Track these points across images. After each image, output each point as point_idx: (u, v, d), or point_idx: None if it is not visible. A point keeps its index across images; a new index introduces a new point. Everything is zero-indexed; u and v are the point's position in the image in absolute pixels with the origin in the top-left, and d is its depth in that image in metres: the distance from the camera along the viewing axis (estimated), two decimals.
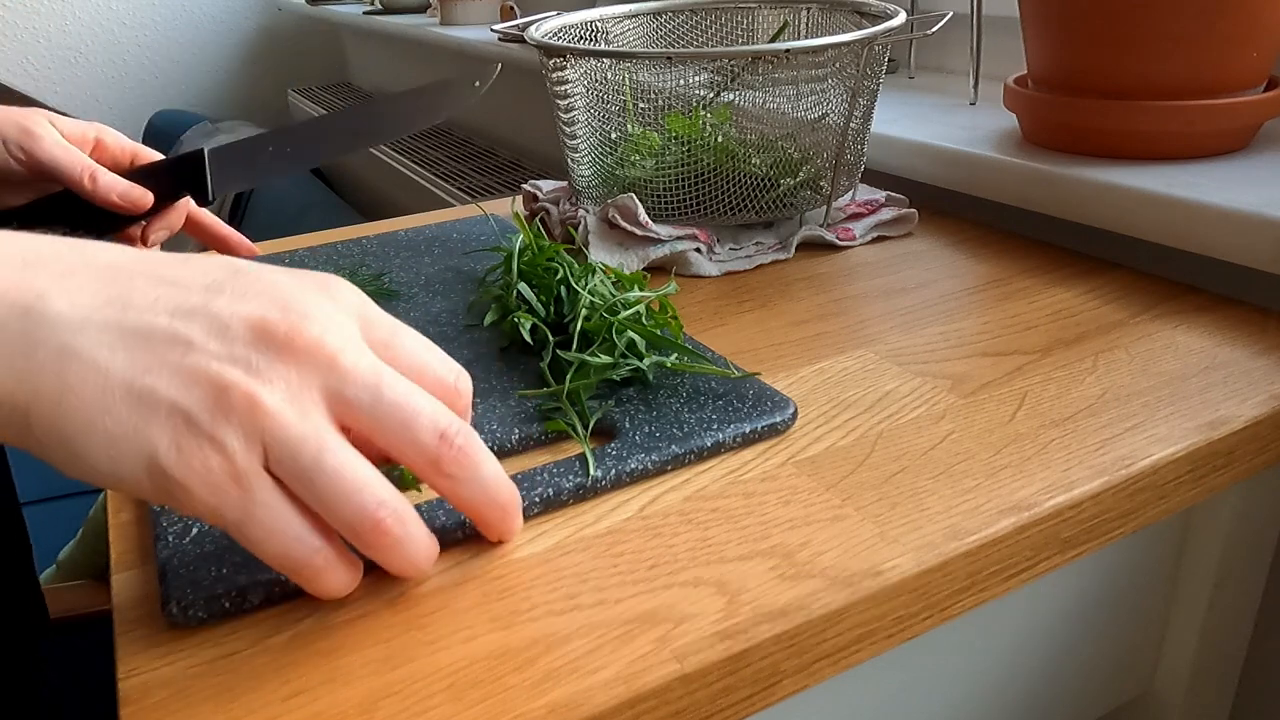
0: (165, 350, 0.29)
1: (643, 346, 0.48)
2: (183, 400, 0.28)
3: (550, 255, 0.57)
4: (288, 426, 0.29)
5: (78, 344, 0.28)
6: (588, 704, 0.31)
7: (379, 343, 0.32)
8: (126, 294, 0.29)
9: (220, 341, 0.29)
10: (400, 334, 0.33)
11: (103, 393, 0.28)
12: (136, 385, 0.28)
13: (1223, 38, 0.60)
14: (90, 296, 0.29)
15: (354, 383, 0.30)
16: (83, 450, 0.28)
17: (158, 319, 0.29)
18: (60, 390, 0.28)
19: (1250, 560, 0.56)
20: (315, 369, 0.30)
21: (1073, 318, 0.57)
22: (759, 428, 0.45)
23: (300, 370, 0.30)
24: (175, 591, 0.35)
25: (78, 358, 0.28)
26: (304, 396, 0.30)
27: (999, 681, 0.51)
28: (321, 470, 0.30)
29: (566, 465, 0.42)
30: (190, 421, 0.28)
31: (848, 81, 0.65)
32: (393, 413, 0.31)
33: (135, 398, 0.28)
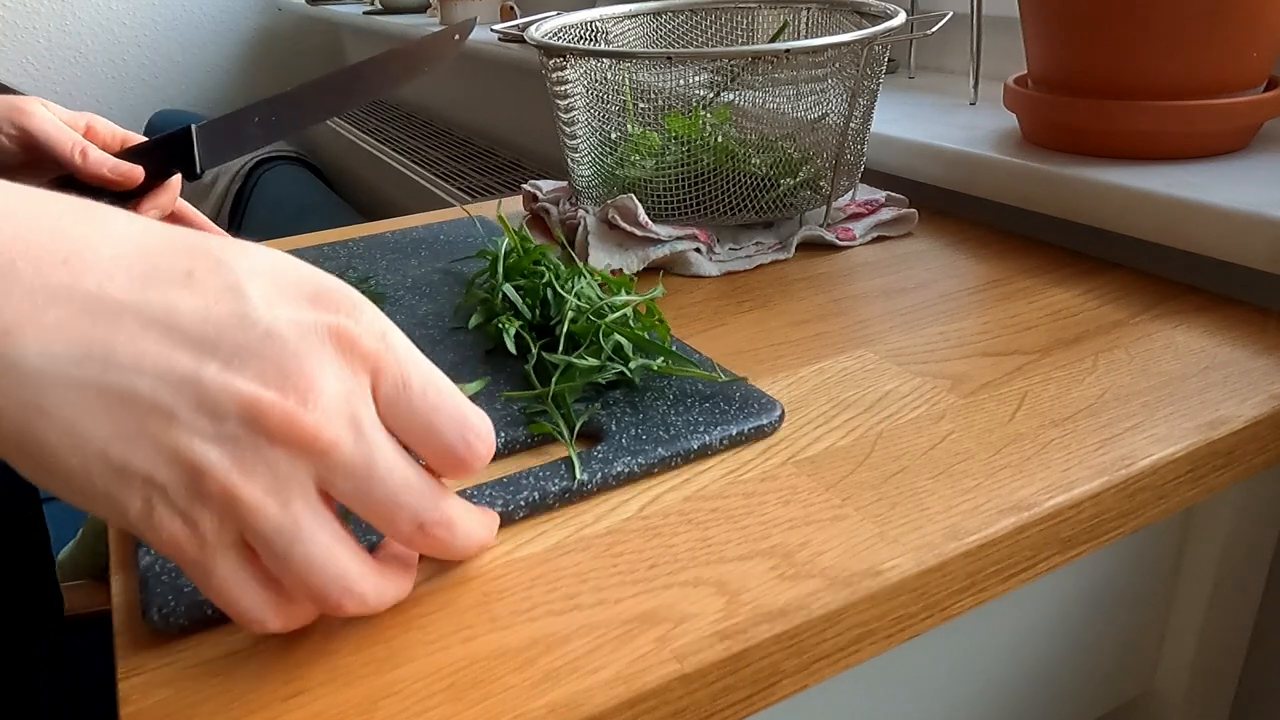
0: (146, 420, 0.27)
1: (629, 349, 0.48)
2: (159, 476, 0.27)
3: (536, 258, 0.57)
4: (265, 519, 0.28)
5: (52, 404, 0.26)
6: (588, 704, 0.31)
7: (387, 398, 0.31)
8: (109, 344, 0.26)
9: (208, 420, 0.27)
10: (412, 386, 0.31)
11: (79, 458, 0.26)
12: (113, 455, 0.27)
13: (1223, 38, 0.60)
14: (66, 345, 0.26)
15: (344, 476, 0.29)
16: (54, 488, 0.27)
17: (141, 382, 0.27)
18: (31, 442, 0.26)
19: (1250, 560, 0.56)
20: (306, 459, 0.29)
21: (1073, 318, 0.57)
22: (745, 430, 0.45)
23: (290, 459, 0.28)
24: (156, 598, 0.35)
25: (52, 419, 0.26)
26: (289, 485, 0.29)
27: (999, 681, 0.51)
28: (290, 559, 0.29)
29: (552, 469, 0.42)
30: (164, 495, 0.27)
31: (848, 81, 0.65)
32: (376, 506, 0.31)
33: (111, 467, 0.27)
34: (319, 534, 0.29)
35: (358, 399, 0.30)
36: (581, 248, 0.67)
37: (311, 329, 0.29)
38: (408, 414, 0.31)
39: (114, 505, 0.27)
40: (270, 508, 0.28)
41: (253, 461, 0.28)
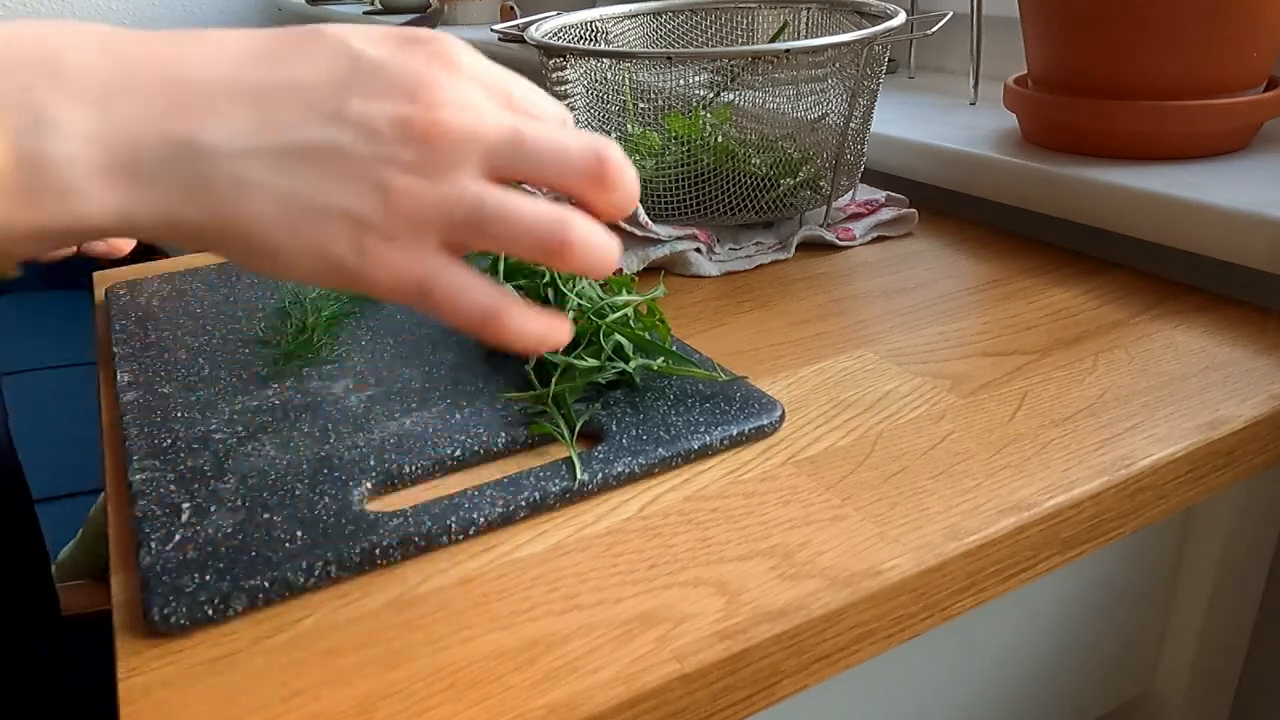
0: (326, 163, 0.30)
1: (630, 349, 0.48)
2: (353, 206, 0.31)
3: None
4: (448, 203, 0.31)
5: (248, 173, 0.30)
6: (588, 704, 0.31)
7: (501, 101, 0.34)
8: (271, 113, 0.30)
9: (371, 144, 0.31)
10: (516, 89, 0.34)
11: (282, 215, 0.30)
12: (310, 201, 0.30)
13: (1223, 38, 0.60)
14: (242, 124, 0.30)
15: (497, 142, 0.32)
16: (272, 264, 0.31)
17: (308, 133, 0.30)
18: (242, 220, 0.30)
19: (1250, 560, 0.56)
20: (460, 146, 0.31)
21: (1073, 318, 0.57)
22: (746, 430, 0.45)
23: (448, 154, 0.31)
24: (157, 599, 0.35)
25: (252, 186, 0.30)
26: (456, 172, 0.31)
27: (999, 681, 0.51)
28: (487, 216, 0.32)
29: (553, 469, 0.42)
30: (363, 224, 0.31)
31: (848, 81, 0.65)
32: (542, 151, 0.33)
33: (311, 212, 0.30)
34: (497, 190, 0.32)
35: (478, 94, 0.32)
36: None
37: (414, 56, 0.32)
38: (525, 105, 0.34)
39: (325, 254, 0.31)
40: (447, 190, 0.31)
41: (419, 164, 0.31)
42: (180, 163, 0.29)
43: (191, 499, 0.41)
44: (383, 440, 0.44)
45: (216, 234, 0.30)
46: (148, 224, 0.30)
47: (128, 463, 0.44)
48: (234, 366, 0.53)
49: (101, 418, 0.51)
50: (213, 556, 0.37)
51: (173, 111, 0.29)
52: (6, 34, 0.28)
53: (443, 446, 0.44)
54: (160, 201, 0.29)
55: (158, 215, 0.29)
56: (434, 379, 0.50)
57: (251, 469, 0.43)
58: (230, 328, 0.58)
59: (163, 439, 0.46)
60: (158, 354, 0.55)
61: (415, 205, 0.31)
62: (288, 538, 0.38)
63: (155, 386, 0.51)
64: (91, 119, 0.28)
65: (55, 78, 0.28)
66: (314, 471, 0.42)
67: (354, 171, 0.31)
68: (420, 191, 0.31)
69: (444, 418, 0.46)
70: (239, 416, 0.47)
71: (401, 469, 0.42)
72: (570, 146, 0.33)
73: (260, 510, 0.40)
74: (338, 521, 0.39)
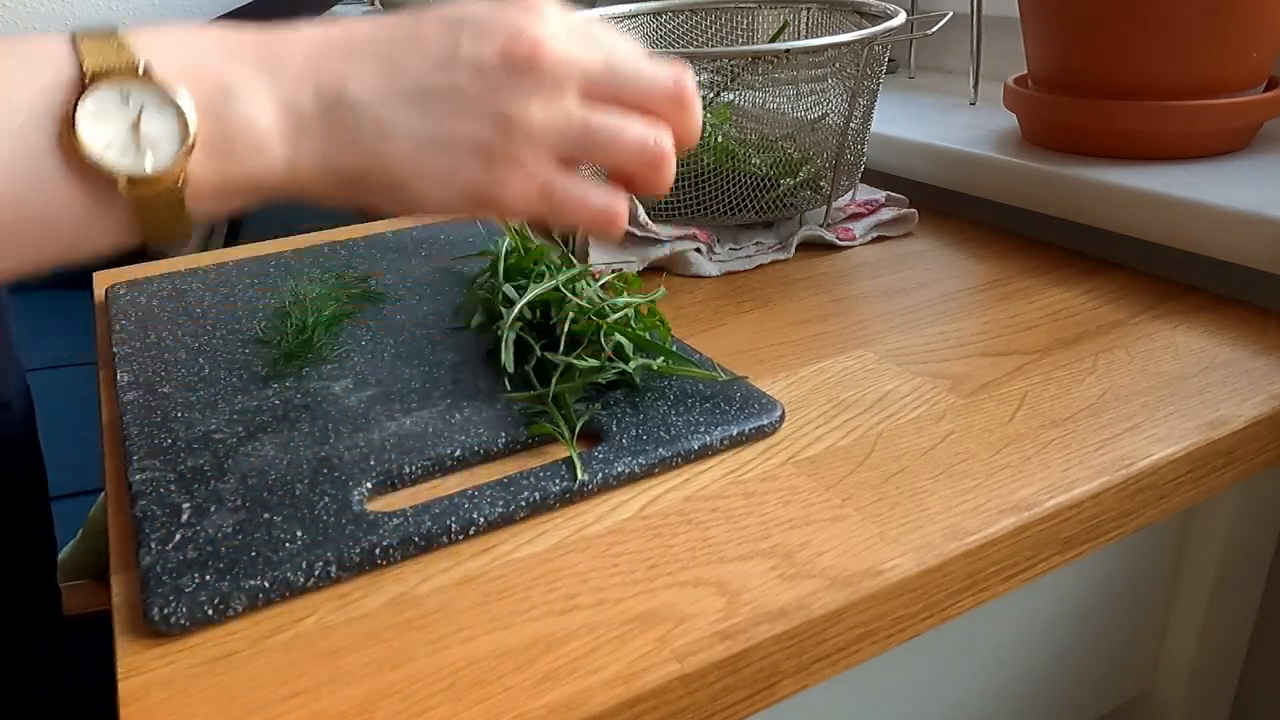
0: (449, 102, 0.34)
1: (630, 350, 0.48)
2: (478, 135, 0.34)
3: (537, 258, 0.57)
4: (559, 123, 0.36)
5: (386, 118, 0.34)
6: (588, 704, 0.31)
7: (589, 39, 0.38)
8: (397, 67, 0.35)
9: (484, 80, 0.35)
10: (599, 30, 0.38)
11: (418, 151, 0.34)
12: (439, 135, 0.34)
13: (1223, 38, 0.60)
14: (375, 77, 0.34)
15: (592, 68, 0.36)
16: (414, 196, 0.35)
17: (431, 78, 0.34)
18: (386, 158, 0.34)
19: (1250, 560, 0.56)
20: (560, 70, 0.35)
21: (1073, 318, 0.57)
22: (746, 430, 0.45)
23: (551, 79, 0.35)
24: (157, 598, 0.35)
25: (390, 129, 0.34)
26: (560, 95, 0.36)
27: (999, 681, 0.51)
28: (594, 130, 0.36)
29: (553, 469, 0.42)
30: (488, 150, 0.35)
31: (848, 81, 0.65)
32: (631, 75, 0.37)
33: (442, 146, 0.34)
34: (599, 111, 0.37)
35: (569, 35, 0.36)
36: (581, 248, 0.67)
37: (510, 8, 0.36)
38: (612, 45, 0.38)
39: (460, 183, 0.35)
40: (556, 112, 0.35)
41: (528, 91, 0.35)
42: (332, 113, 0.33)
43: (191, 499, 0.41)
44: (383, 440, 0.44)
45: (366, 177, 0.34)
46: (309, 173, 0.34)
47: (128, 463, 0.44)
48: (234, 366, 0.53)
49: (101, 418, 0.51)
50: (213, 556, 0.37)
51: (320, 75, 0.34)
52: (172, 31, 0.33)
53: (443, 446, 0.44)
54: (319, 151, 0.34)
55: (318, 164, 0.34)
56: (434, 379, 0.50)
57: (251, 469, 0.43)
58: (230, 328, 0.58)
59: (163, 439, 0.46)
60: (158, 354, 0.55)
61: (530, 127, 0.35)
62: (288, 538, 0.38)
63: (155, 386, 0.51)
64: (262, 88, 0.32)
65: (227, 58, 0.32)
66: (314, 471, 0.42)
67: (473, 105, 0.34)
68: (534, 115, 0.35)
69: (444, 418, 0.46)
70: (239, 416, 0.47)
71: (401, 469, 0.42)
72: (655, 72, 0.38)
73: (260, 510, 0.40)
74: (338, 521, 0.39)
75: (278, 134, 0.33)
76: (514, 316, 0.51)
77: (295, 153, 0.33)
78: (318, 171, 0.34)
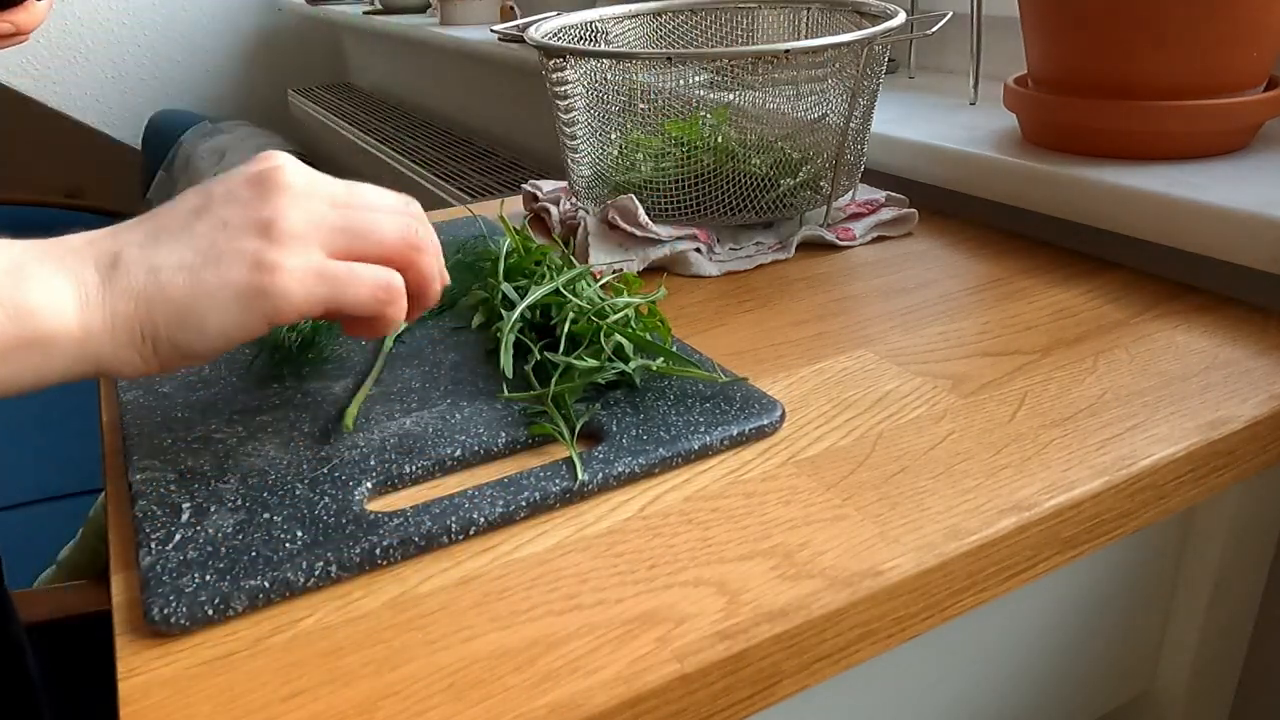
0: (213, 233, 0.38)
1: (630, 350, 0.48)
2: (245, 246, 0.38)
3: (538, 258, 0.57)
4: (314, 218, 0.39)
5: (158, 262, 0.37)
6: (588, 704, 0.31)
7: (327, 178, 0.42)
8: (161, 224, 0.39)
9: (241, 205, 0.39)
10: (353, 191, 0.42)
11: (191, 272, 0.37)
12: (209, 255, 0.37)
13: (1223, 38, 0.60)
14: (143, 237, 0.38)
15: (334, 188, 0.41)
16: (199, 321, 0.37)
17: (192, 224, 0.39)
18: (164, 288, 0.37)
19: (1250, 560, 0.56)
20: (309, 186, 0.40)
21: (1073, 318, 0.57)
22: (746, 430, 0.45)
23: (302, 190, 0.40)
24: (157, 598, 0.35)
25: (163, 265, 0.37)
26: (312, 201, 0.40)
27: (999, 681, 0.51)
28: (354, 219, 0.40)
29: (554, 469, 0.42)
30: (258, 254, 0.38)
31: (848, 81, 0.65)
32: (367, 191, 0.42)
33: (212, 261, 0.37)
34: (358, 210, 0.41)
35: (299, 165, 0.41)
36: (581, 248, 0.67)
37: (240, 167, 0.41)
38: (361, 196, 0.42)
39: (240, 289, 0.37)
40: (318, 211, 0.39)
41: (283, 198, 0.39)
42: (112, 273, 0.37)
43: (191, 499, 0.41)
44: (383, 440, 0.44)
45: (151, 315, 0.37)
46: (101, 329, 0.36)
47: (128, 463, 0.44)
48: (234, 366, 0.53)
49: (101, 418, 0.51)
50: (213, 556, 0.37)
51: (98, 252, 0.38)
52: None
53: (443, 446, 0.44)
54: (106, 306, 0.36)
55: (107, 318, 0.36)
56: (434, 379, 0.50)
57: (251, 469, 0.43)
58: None
59: (163, 439, 0.46)
60: None
61: (292, 223, 0.38)
62: (288, 538, 0.38)
63: (155, 386, 0.51)
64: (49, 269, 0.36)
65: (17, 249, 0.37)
66: (314, 471, 0.42)
67: (236, 227, 0.38)
68: (291, 215, 0.39)
69: (444, 418, 0.46)
70: (239, 416, 0.47)
71: (401, 469, 0.42)
72: (384, 192, 0.42)
73: (260, 510, 0.40)
74: (338, 521, 0.39)
75: (70, 297, 0.36)
76: (514, 319, 0.51)
77: (86, 313, 0.36)
78: (110, 326, 0.36)
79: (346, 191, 0.42)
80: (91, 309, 0.37)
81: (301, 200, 0.40)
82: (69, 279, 0.37)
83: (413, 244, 0.41)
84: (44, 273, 0.36)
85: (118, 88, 2.65)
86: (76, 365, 0.37)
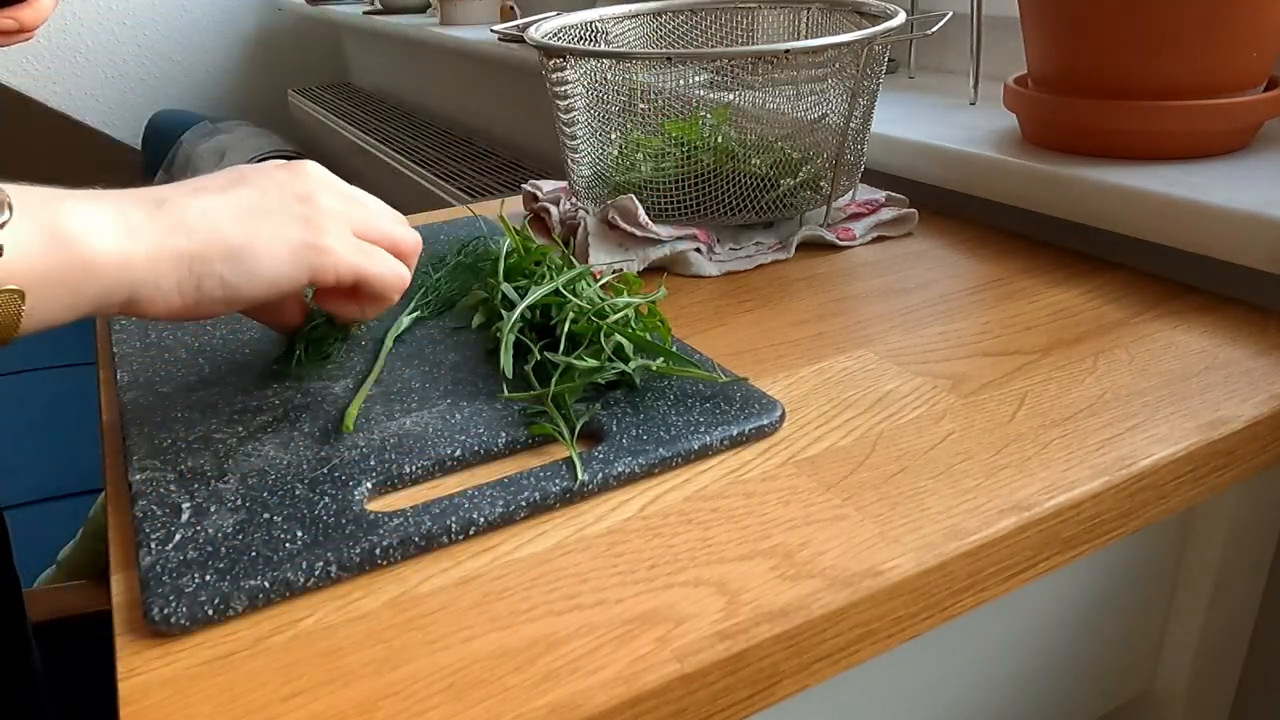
0: (254, 198, 0.42)
1: (630, 350, 0.48)
2: (288, 209, 0.42)
3: (538, 258, 0.57)
4: (344, 208, 0.44)
5: (207, 206, 0.40)
6: (588, 704, 0.31)
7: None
8: (199, 187, 0.42)
9: (274, 181, 0.43)
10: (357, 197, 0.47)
11: (245, 221, 0.40)
12: (256, 210, 0.41)
13: (1223, 38, 0.60)
14: (184, 190, 0.41)
15: (348, 189, 0.46)
16: (253, 263, 0.40)
17: (229, 188, 0.42)
18: (218, 231, 0.40)
19: (1250, 560, 0.56)
20: (331, 182, 0.45)
21: (1073, 318, 0.57)
22: (746, 430, 0.45)
23: (325, 184, 0.45)
24: (157, 599, 0.35)
25: (214, 210, 0.40)
26: (336, 194, 0.45)
27: (999, 681, 0.51)
28: (374, 216, 0.46)
29: (553, 469, 0.42)
30: (305, 217, 0.42)
31: (848, 82, 0.65)
32: (369, 202, 0.47)
33: (261, 216, 0.41)
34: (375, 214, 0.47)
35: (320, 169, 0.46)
36: (581, 248, 0.67)
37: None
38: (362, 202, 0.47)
39: (292, 241, 0.41)
40: (344, 202, 0.45)
41: (312, 184, 0.44)
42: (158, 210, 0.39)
43: (191, 499, 0.41)
44: (383, 440, 0.44)
45: (205, 252, 0.39)
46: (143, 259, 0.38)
47: (128, 463, 0.44)
48: (234, 366, 0.53)
49: (101, 418, 0.51)
50: (213, 556, 0.37)
51: (141, 197, 0.40)
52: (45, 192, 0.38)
53: (443, 446, 0.44)
54: (152, 240, 0.38)
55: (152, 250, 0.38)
56: (434, 379, 0.50)
57: (251, 469, 0.43)
58: (230, 328, 0.58)
59: (163, 439, 0.46)
60: (158, 354, 0.55)
61: (326, 205, 0.43)
62: (288, 538, 0.38)
63: (155, 386, 0.51)
64: (90, 204, 0.38)
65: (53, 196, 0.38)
66: (314, 471, 0.42)
67: (273, 196, 0.42)
68: (325, 199, 0.43)
69: (444, 418, 0.46)
70: (239, 416, 0.47)
71: (401, 469, 0.42)
72: (383, 207, 0.48)
73: (260, 510, 0.40)
74: (338, 521, 0.39)
75: (113, 225, 0.37)
76: (514, 319, 0.51)
77: (132, 241, 0.38)
78: (152, 255, 0.38)
79: (356, 191, 0.46)
80: (135, 238, 0.38)
81: (328, 190, 0.44)
82: (110, 211, 0.38)
83: (414, 250, 0.47)
84: (83, 204, 0.37)
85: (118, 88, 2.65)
86: (112, 292, 0.37)
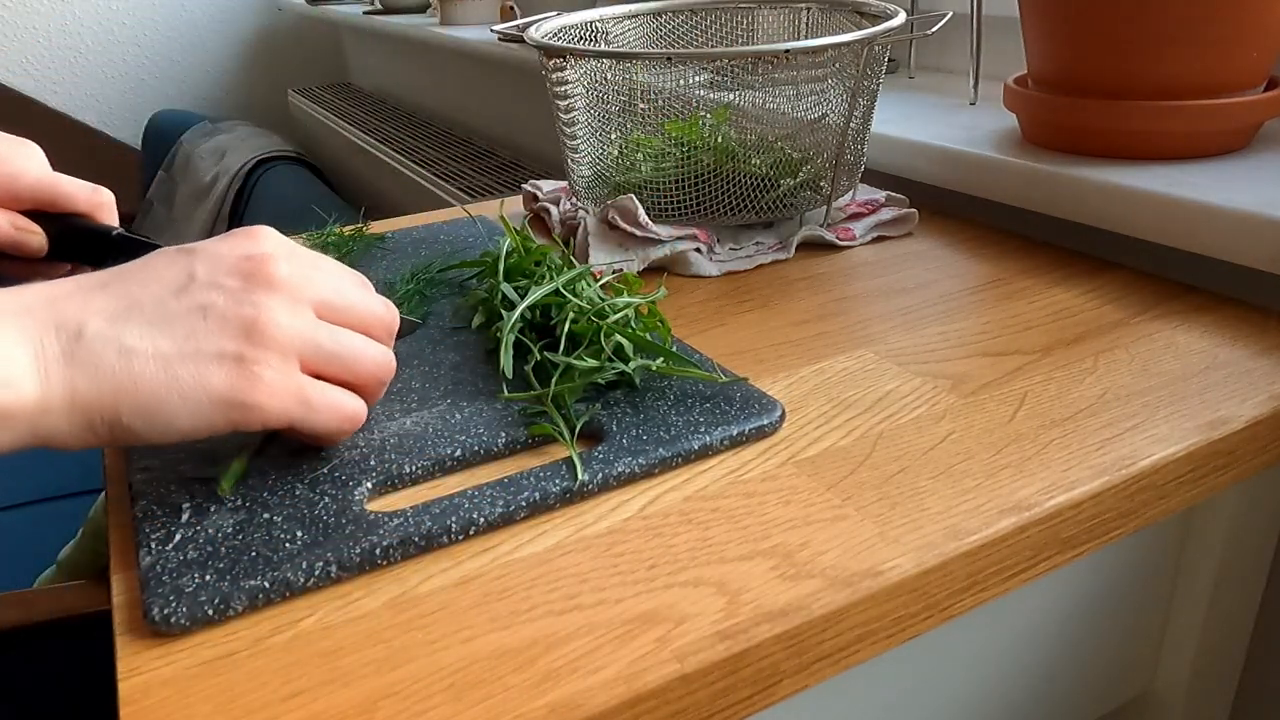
0: (193, 320, 0.36)
1: (630, 350, 0.48)
2: (225, 345, 0.36)
3: (538, 258, 0.57)
4: (303, 330, 0.38)
5: (130, 344, 0.35)
6: (588, 704, 0.31)
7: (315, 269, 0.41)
8: (135, 299, 0.37)
9: (225, 295, 0.37)
10: (318, 260, 0.42)
11: (166, 367, 0.35)
12: (186, 351, 0.36)
13: (1223, 38, 0.60)
14: (114, 311, 0.36)
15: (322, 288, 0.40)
16: (167, 418, 0.36)
17: (170, 304, 0.37)
18: (134, 378, 0.35)
19: (1250, 560, 0.56)
20: (297, 286, 0.39)
21: (1073, 318, 0.57)
22: (746, 430, 0.45)
23: (289, 290, 0.38)
24: (157, 598, 0.35)
25: (135, 352, 0.35)
26: (300, 307, 0.38)
27: (999, 681, 0.51)
28: (341, 345, 0.40)
29: (553, 469, 0.42)
30: (239, 357, 0.36)
31: (848, 82, 0.65)
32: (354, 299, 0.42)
33: (189, 358, 0.36)
34: (345, 333, 0.40)
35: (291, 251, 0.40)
36: (581, 248, 0.67)
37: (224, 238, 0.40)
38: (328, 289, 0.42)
39: (210, 392, 0.36)
40: (298, 322, 0.38)
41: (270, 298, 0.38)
42: (75, 347, 0.35)
43: (191, 499, 0.41)
44: (383, 440, 0.44)
45: (118, 404, 0.35)
46: (60, 406, 0.34)
47: (128, 463, 0.44)
48: None
49: None
50: (213, 556, 0.37)
51: (61, 317, 0.35)
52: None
53: (443, 446, 0.44)
54: (68, 382, 0.34)
55: (68, 396, 0.34)
56: (434, 379, 0.50)
57: (251, 469, 0.43)
58: None
59: None
60: None
61: (278, 330, 0.37)
62: (288, 538, 0.38)
63: None
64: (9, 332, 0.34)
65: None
66: (314, 471, 0.42)
67: (219, 320, 0.37)
68: (279, 319, 0.37)
69: (444, 418, 0.46)
70: None
71: (401, 469, 0.42)
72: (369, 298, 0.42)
73: (260, 510, 0.40)
74: (338, 521, 0.39)
75: (28, 368, 0.34)
76: (514, 319, 0.51)
77: (46, 387, 0.34)
78: (68, 404, 0.34)
79: (334, 292, 0.40)
80: (51, 384, 0.34)
81: (289, 304, 0.38)
82: (27, 348, 0.34)
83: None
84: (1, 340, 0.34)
85: (118, 88, 2.66)
86: (25, 439, 0.35)
